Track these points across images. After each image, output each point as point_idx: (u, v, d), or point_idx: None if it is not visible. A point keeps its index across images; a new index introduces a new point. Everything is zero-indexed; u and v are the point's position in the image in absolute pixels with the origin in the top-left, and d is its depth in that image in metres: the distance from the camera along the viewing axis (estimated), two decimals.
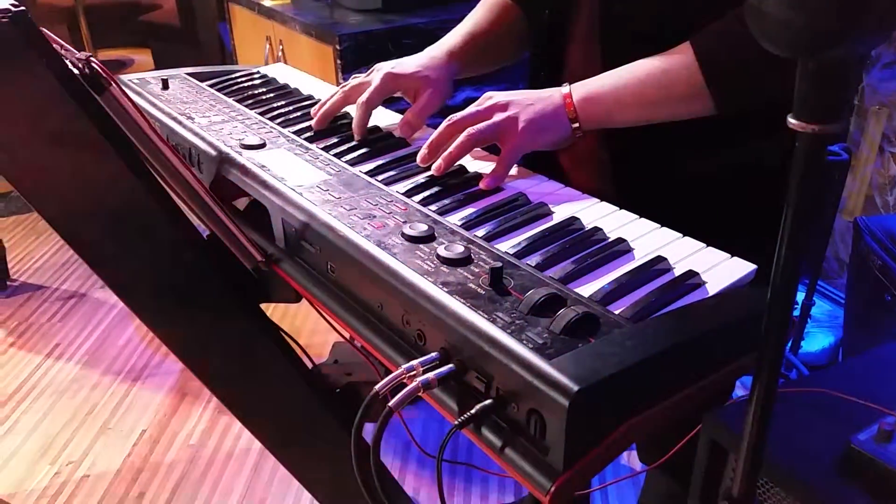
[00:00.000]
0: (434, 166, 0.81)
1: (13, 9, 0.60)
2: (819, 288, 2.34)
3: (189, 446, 1.96)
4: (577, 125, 0.83)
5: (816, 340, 2.17)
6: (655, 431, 0.56)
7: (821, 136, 0.41)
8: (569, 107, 0.83)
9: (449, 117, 0.83)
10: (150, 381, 2.21)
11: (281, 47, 2.26)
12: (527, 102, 0.83)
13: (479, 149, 0.85)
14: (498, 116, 0.81)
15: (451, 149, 0.80)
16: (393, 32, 1.92)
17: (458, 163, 0.82)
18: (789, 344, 2.14)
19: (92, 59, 0.64)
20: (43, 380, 2.22)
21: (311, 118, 0.96)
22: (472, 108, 0.83)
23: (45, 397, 2.15)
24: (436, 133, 0.83)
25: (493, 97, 0.84)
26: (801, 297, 2.15)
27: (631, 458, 1.84)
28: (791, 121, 0.42)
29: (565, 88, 0.84)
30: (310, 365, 0.93)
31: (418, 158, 0.83)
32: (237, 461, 1.91)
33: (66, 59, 0.66)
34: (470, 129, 0.80)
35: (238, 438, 1.97)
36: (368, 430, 0.56)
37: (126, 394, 2.16)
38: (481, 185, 0.79)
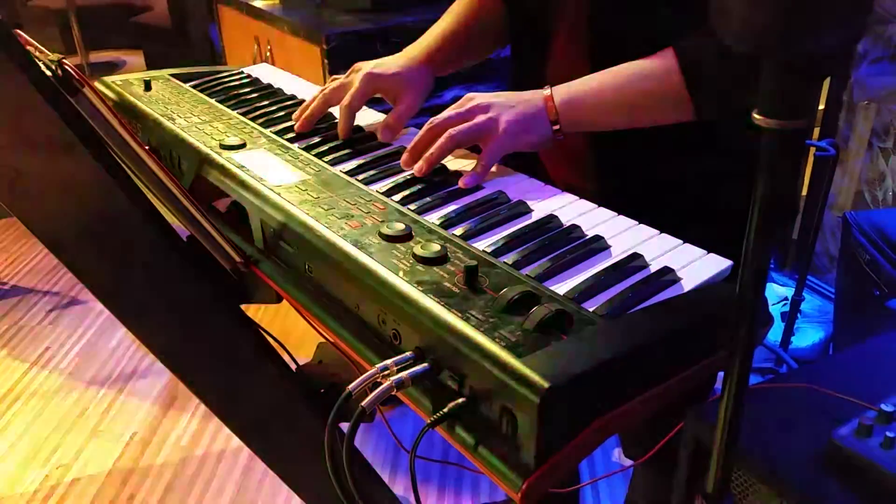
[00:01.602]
0: (415, 168, 0.81)
1: None
2: (809, 283, 2.34)
3: (179, 448, 1.96)
4: (557, 127, 0.83)
5: (806, 336, 2.17)
6: (632, 428, 0.56)
7: (785, 132, 0.41)
8: (550, 109, 0.83)
9: (430, 120, 0.83)
10: (140, 383, 2.20)
11: (269, 48, 2.26)
12: (508, 104, 0.82)
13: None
14: (479, 118, 0.81)
15: (431, 150, 0.80)
16: (381, 32, 1.91)
17: None
18: (779, 339, 2.14)
19: (64, 60, 0.64)
20: (33, 383, 2.22)
21: (293, 118, 0.96)
22: (452, 110, 0.83)
23: (35, 400, 2.15)
24: (417, 136, 0.83)
25: (474, 98, 0.83)
26: (790, 292, 2.15)
27: (621, 454, 1.84)
28: (755, 116, 0.42)
29: (547, 91, 0.83)
30: (294, 366, 0.92)
31: (401, 162, 0.83)
32: (227, 463, 1.91)
33: (39, 60, 0.66)
34: (451, 131, 0.80)
35: (228, 440, 1.97)
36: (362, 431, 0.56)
37: (116, 396, 2.15)
38: (460, 184, 0.79)
